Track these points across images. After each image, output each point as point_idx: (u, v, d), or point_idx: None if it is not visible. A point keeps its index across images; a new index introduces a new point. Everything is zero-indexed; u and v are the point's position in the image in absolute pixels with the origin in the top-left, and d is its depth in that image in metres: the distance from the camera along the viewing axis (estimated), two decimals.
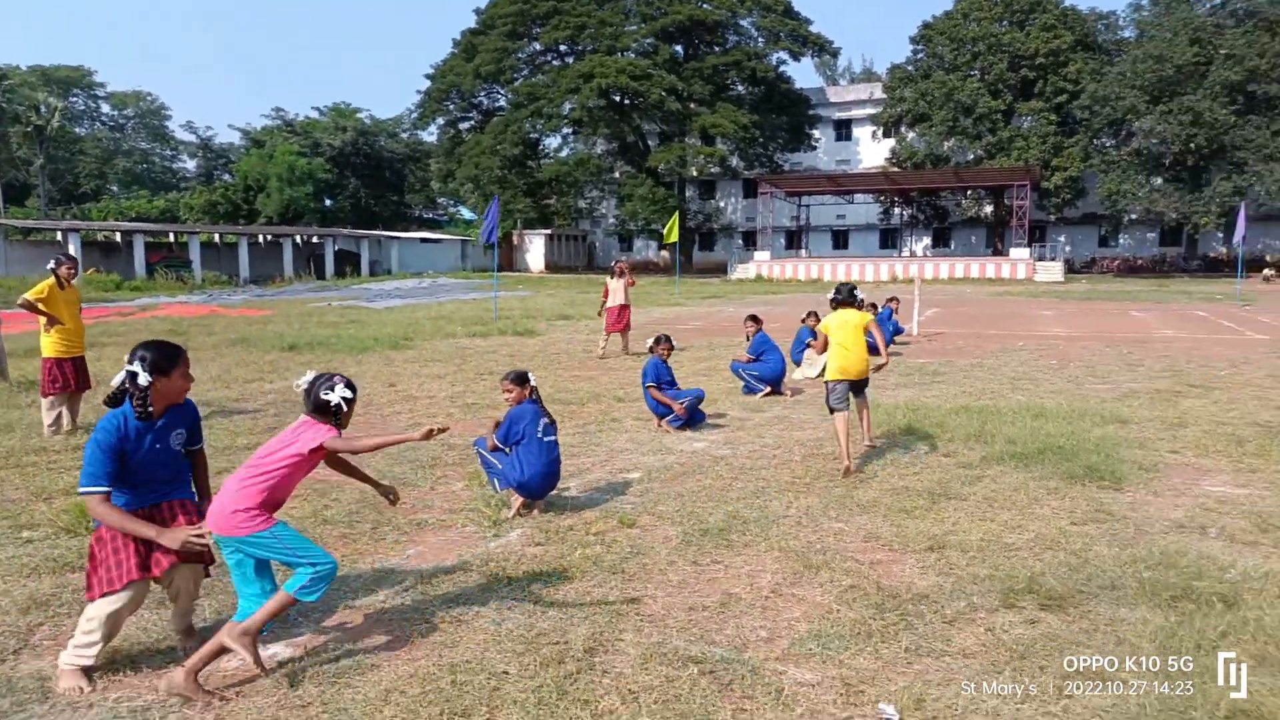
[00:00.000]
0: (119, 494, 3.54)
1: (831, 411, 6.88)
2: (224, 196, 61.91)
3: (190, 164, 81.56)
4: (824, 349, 7.27)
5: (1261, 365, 12.39)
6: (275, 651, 3.76)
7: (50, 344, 7.99)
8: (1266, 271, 40.56)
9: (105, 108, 78.10)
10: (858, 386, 7.14)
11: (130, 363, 3.55)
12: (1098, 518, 5.46)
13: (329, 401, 3.69)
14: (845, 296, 7.18)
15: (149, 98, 78.84)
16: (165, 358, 3.62)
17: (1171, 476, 6.45)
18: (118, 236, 44.24)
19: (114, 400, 3.59)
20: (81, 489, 3.48)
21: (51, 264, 8.23)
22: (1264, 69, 41.18)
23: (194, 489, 3.87)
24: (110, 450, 3.47)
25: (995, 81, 47.68)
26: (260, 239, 48.50)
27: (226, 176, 72.13)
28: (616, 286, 14.33)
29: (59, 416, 7.92)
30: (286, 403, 9.70)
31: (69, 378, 7.98)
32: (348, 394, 3.73)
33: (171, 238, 46.90)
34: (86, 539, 5.05)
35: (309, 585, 3.54)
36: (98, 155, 73.50)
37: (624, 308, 14.42)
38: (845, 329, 6.98)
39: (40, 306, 7.88)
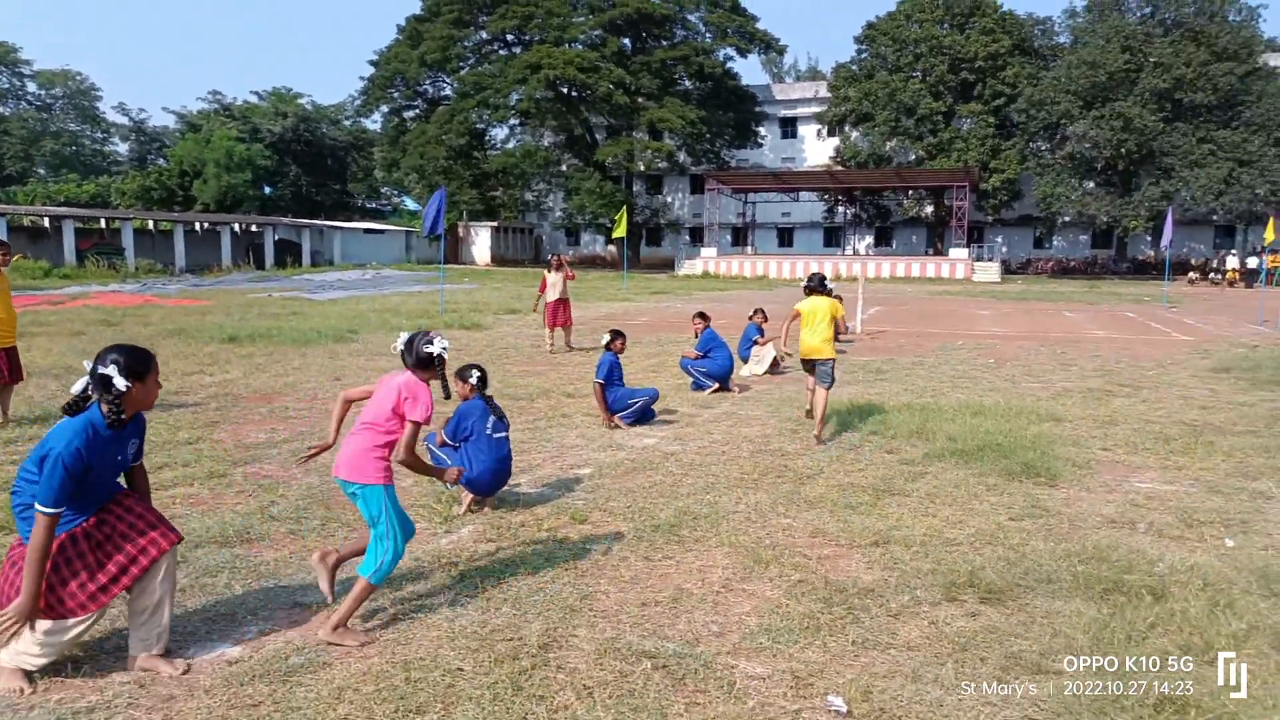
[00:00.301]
0: (68, 513, 3.37)
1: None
2: (158, 182, 60.10)
3: (122, 148, 79.00)
4: (769, 340, 7.69)
5: (1186, 366, 12.90)
6: (223, 651, 3.71)
7: None
8: (1191, 275, 42.14)
9: (31, 86, 75.16)
10: (811, 365, 7.97)
11: (102, 366, 3.34)
12: (1034, 513, 5.65)
13: (431, 354, 4.00)
14: (817, 285, 8.07)
15: (78, 77, 76.11)
16: (140, 361, 3.44)
17: (1103, 473, 6.70)
18: (46, 222, 42.65)
19: (74, 408, 3.37)
20: (42, 508, 3.23)
21: None
22: (1190, 78, 42.73)
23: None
24: (79, 472, 3.28)
25: (936, 83, 48.65)
26: (197, 227, 47.16)
27: (161, 161, 70.03)
28: (554, 280, 14.00)
29: None
30: (227, 395, 9.51)
31: (1, 369, 7.71)
32: (446, 344, 4.06)
33: (103, 224, 45.35)
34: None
35: (383, 569, 3.83)
36: (23, 136, 70.64)
37: (562, 302, 14.01)
38: (815, 314, 7.86)
39: None
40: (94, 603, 3.40)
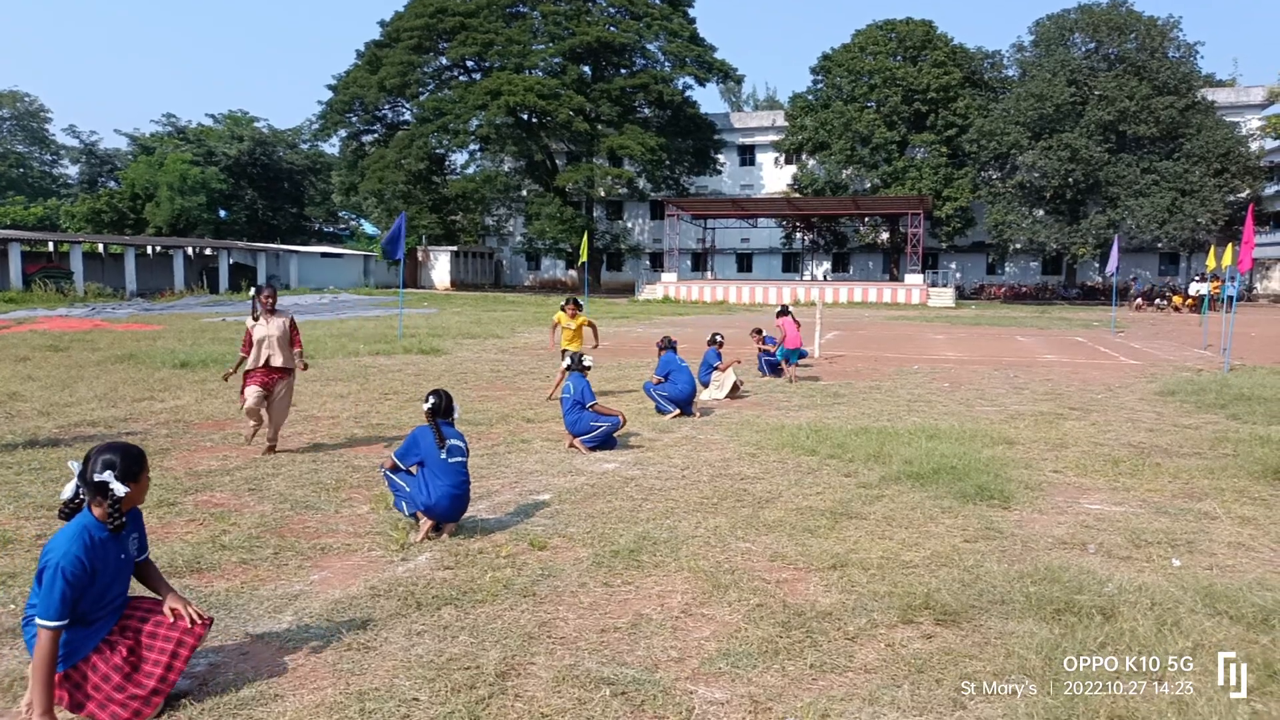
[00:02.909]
0: (81, 631, 3.29)
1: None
2: (109, 205, 59.06)
3: (72, 170, 77.37)
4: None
5: (1133, 389, 13.22)
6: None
7: None
8: (1137, 301, 43.27)
9: None
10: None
11: (96, 474, 3.29)
12: (988, 535, 5.74)
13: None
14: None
15: (27, 98, 74.80)
16: (135, 462, 3.41)
17: (1055, 495, 6.83)
18: None
19: (69, 513, 3.34)
20: (43, 621, 3.16)
21: None
22: (1133, 110, 44.15)
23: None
24: (80, 582, 3.21)
25: (890, 114, 49.71)
26: (149, 250, 46.36)
27: (112, 184, 68.75)
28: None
29: None
30: (178, 423, 9.32)
31: None
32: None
33: (51, 247, 44.37)
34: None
35: None
36: None
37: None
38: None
39: None
40: (148, 707, 3.32)
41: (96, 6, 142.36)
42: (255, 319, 8.00)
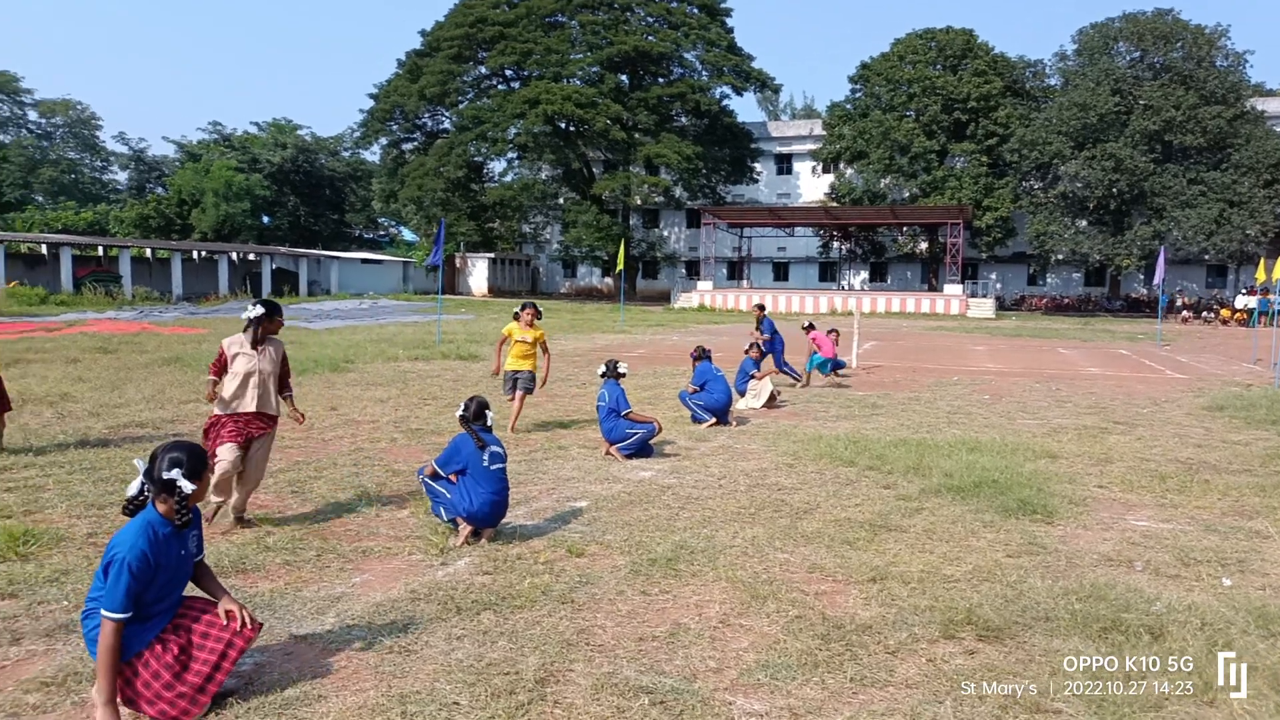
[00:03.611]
0: (137, 626, 3.37)
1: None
2: (157, 210, 60.28)
3: (121, 176, 79.35)
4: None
5: (1180, 404, 12.95)
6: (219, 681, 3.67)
7: None
8: (1184, 314, 42.43)
9: (32, 115, 75.74)
10: None
11: (165, 471, 3.39)
12: (1031, 550, 5.65)
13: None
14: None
15: (79, 106, 76.70)
16: (200, 460, 3.51)
17: (1099, 511, 6.71)
18: (43, 249, 42.75)
19: (133, 509, 3.44)
20: (108, 613, 3.25)
21: None
22: (1179, 120, 43.36)
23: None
24: (145, 575, 3.30)
25: (930, 123, 49.30)
26: (194, 255, 47.31)
27: (160, 190, 70.29)
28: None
29: None
30: None
31: None
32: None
33: (101, 251, 45.46)
34: (16, 564, 4.89)
35: None
36: (22, 164, 70.94)
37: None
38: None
39: None
40: (195, 706, 3.39)
41: (146, 18, 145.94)
42: (253, 347, 5.95)
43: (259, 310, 5.93)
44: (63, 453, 7.81)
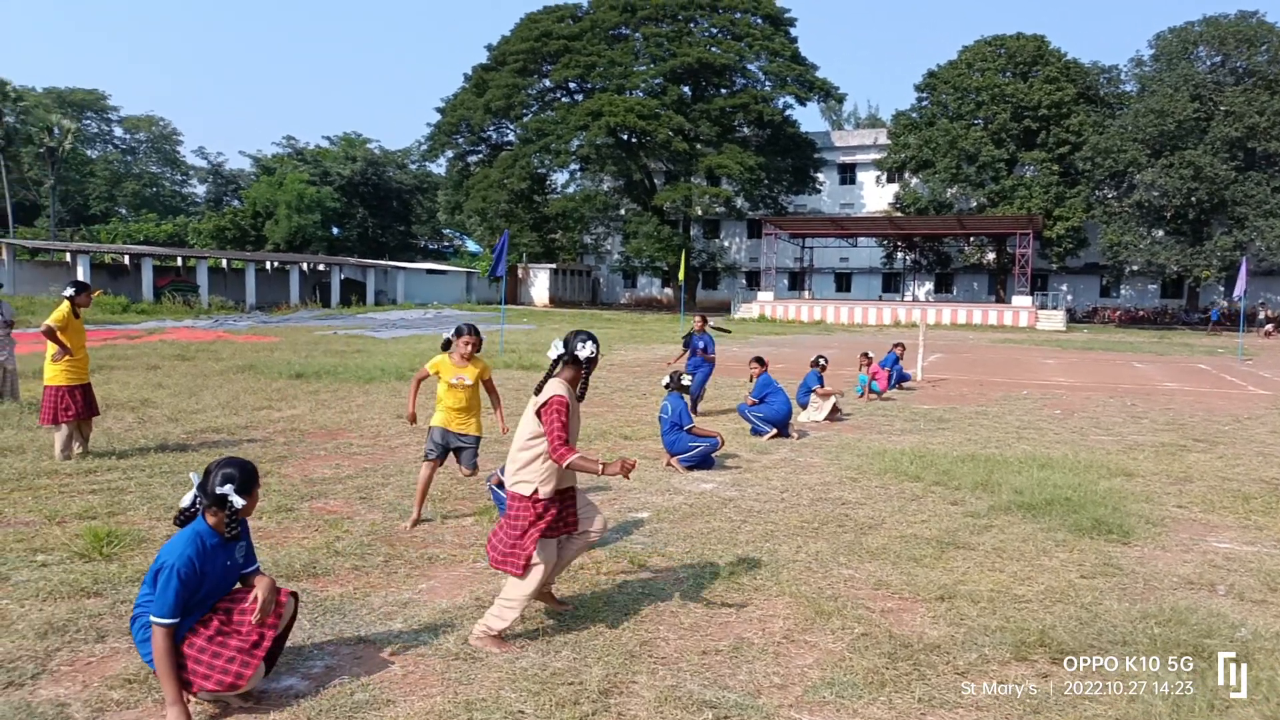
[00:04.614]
0: (185, 618, 3.50)
1: None
2: (232, 222, 62.37)
3: (200, 189, 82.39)
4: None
5: (1265, 421, 12.43)
6: (291, 684, 3.77)
7: (60, 372, 7.97)
8: (1267, 327, 40.74)
9: (118, 131, 79.19)
10: None
11: (218, 487, 3.52)
12: (1106, 571, 5.48)
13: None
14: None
15: (162, 122, 79.90)
16: (251, 477, 3.63)
17: (1179, 532, 6.48)
18: (126, 259, 44.47)
19: (185, 520, 3.59)
20: (158, 619, 3.38)
21: (70, 291, 8.18)
22: (1264, 126, 41.74)
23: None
24: (192, 583, 3.44)
25: (998, 131, 48.27)
26: (267, 266, 48.74)
27: (236, 202, 72.75)
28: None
29: (69, 442, 7.94)
30: (294, 431, 9.73)
31: (79, 405, 8.00)
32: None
33: (180, 262, 47.14)
34: (101, 564, 5.09)
35: None
36: (107, 178, 74.13)
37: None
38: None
39: (60, 337, 7.92)
40: (247, 669, 3.49)
41: (226, 38, 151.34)
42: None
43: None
44: (143, 456, 8.10)
